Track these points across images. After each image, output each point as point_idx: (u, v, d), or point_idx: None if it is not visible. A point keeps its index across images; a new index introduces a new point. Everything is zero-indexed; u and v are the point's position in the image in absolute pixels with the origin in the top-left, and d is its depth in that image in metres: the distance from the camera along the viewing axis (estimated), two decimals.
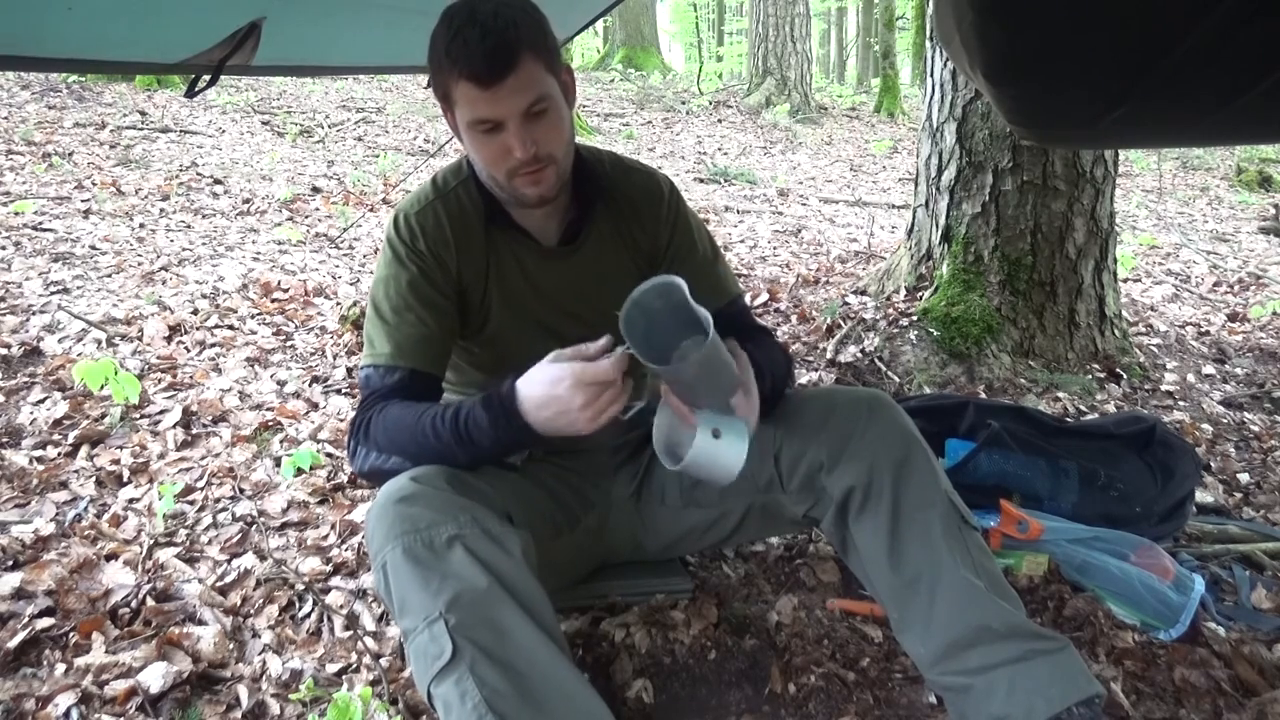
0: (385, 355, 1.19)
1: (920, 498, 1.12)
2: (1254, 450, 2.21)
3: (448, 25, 1.07)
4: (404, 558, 0.97)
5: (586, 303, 1.30)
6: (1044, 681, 1.01)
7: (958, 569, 1.08)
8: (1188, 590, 1.40)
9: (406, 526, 0.99)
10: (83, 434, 1.95)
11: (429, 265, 1.22)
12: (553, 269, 1.29)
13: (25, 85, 6.36)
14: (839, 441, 1.16)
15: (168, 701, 1.19)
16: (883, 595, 1.15)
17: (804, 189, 6.71)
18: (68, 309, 2.60)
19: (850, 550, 1.19)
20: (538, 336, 1.29)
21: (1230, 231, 5.66)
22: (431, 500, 1.02)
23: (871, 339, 2.59)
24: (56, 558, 1.48)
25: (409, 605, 0.96)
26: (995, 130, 2.58)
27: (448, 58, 1.06)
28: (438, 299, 1.23)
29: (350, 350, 2.60)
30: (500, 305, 1.28)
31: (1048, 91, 0.88)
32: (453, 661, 0.91)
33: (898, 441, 1.15)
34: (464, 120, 1.11)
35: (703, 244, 1.35)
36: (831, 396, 1.24)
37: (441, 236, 1.23)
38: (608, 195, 1.29)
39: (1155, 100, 0.83)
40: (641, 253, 1.33)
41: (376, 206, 4.67)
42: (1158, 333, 3.07)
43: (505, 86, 1.06)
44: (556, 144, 1.14)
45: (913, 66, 14.01)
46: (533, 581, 1.01)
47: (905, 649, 1.15)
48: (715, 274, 1.35)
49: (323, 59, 1.74)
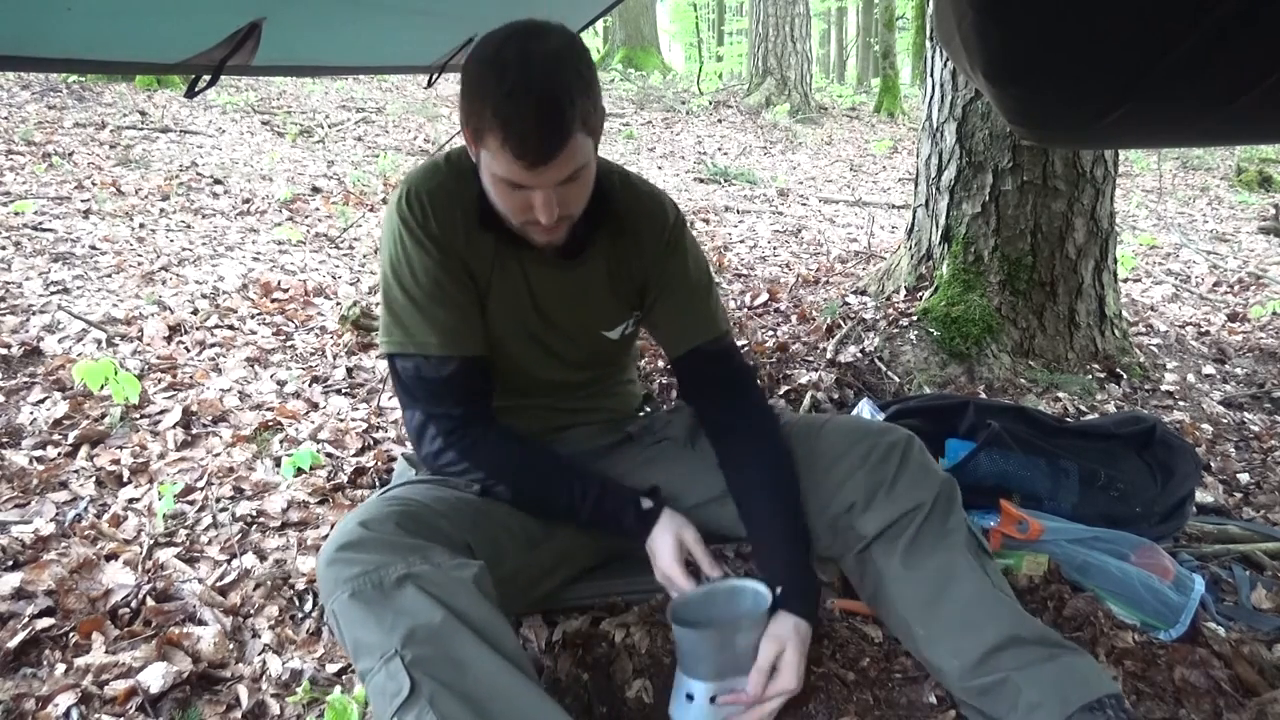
0: (435, 345, 1.19)
1: (948, 525, 1.18)
2: (1254, 450, 2.21)
3: (498, 77, 1.00)
4: (352, 601, 0.97)
5: (572, 316, 1.31)
6: (1075, 676, 1.04)
7: (987, 584, 1.13)
8: (1188, 590, 1.40)
9: (355, 570, 0.98)
10: (83, 434, 1.95)
11: (446, 249, 1.19)
12: (550, 279, 1.27)
13: (25, 85, 6.36)
14: (873, 485, 1.20)
15: (168, 701, 1.19)
16: (909, 614, 1.16)
17: (804, 189, 6.71)
18: (68, 309, 2.60)
19: (871, 577, 1.22)
20: (526, 344, 1.31)
21: (1230, 231, 5.66)
22: (379, 544, 1.01)
23: (871, 339, 2.59)
24: (56, 558, 1.48)
25: (362, 646, 0.95)
26: (995, 130, 2.58)
27: (495, 117, 1.00)
28: (466, 281, 1.22)
29: (350, 350, 2.60)
30: (498, 307, 1.26)
31: (1048, 91, 0.88)
32: (411, 697, 0.90)
33: (933, 483, 1.20)
34: (491, 170, 1.07)
35: (697, 276, 1.34)
36: (866, 438, 1.25)
37: (451, 221, 1.19)
38: (612, 215, 1.27)
39: (1155, 100, 0.83)
40: (634, 277, 1.32)
41: (376, 206, 4.66)
42: (1158, 333, 3.07)
43: (550, 167, 1.02)
44: (580, 204, 1.13)
45: (913, 66, 14.01)
46: (490, 611, 1.00)
47: (934, 666, 1.15)
48: (704, 309, 1.34)
49: (323, 59, 1.74)
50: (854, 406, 1.98)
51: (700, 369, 1.35)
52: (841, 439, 1.26)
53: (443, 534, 1.08)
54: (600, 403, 1.46)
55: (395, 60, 2.02)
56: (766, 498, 1.25)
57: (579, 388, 1.42)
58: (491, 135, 1.01)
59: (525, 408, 1.38)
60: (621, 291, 1.33)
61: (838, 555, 1.28)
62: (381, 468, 1.90)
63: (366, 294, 3.17)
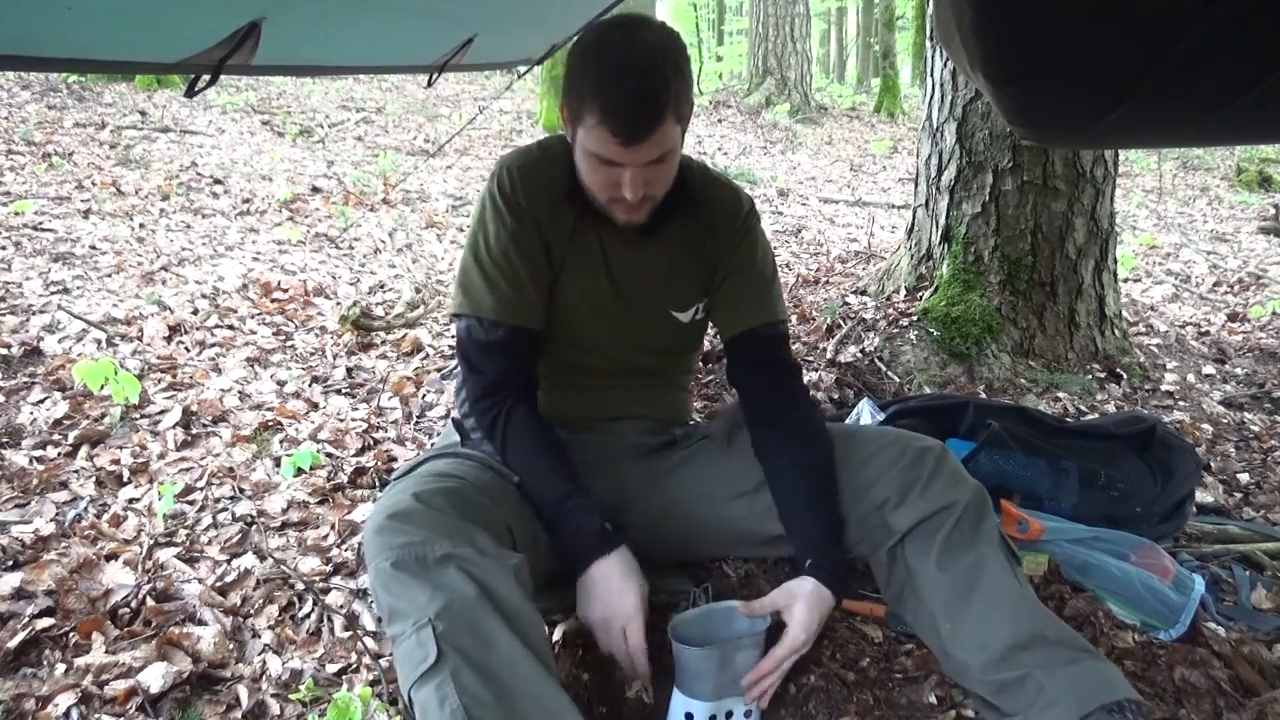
0: (489, 309, 1.26)
1: (981, 526, 1.19)
2: (1254, 450, 2.21)
3: (599, 60, 1.09)
4: (394, 569, 0.99)
5: (644, 291, 1.36)
6: (1097, 678, 1.04)
7: (1014, 583, 1.14)
8: (1188, 590, 1.40)
9: (401, 540, 1.01)
10: (83, 434, 1.95)
11: (525, 221, 1.27)
12: (626, 253, 1.33)
13: (25, 85, 6.36)
14: (908, 482, 1.21)
15: (168, 701, 1.19)
16: (938, 609, 1.16)
17: (804, 189, 6.71)
18: (68, 309, 2.60)
19: (900, 574, 1.22)
20: (596, 319, 1.36)
21: (1230, 231, 5.67)
22: (428, 519, 1.04)
23: (871, 339, 2.59)
24: (56, 558, 1.48)
25: (398, 612, 0.98)
26: (995, 130, 2.58)
27: (594, 97, 1.07)
28: (537, 255, 1.29)
29: (350, 350, 2.60)
30: (572, 278, 1.32)
31: (1047, 91, 0.89)
32: (436, 666, 0.92)
33: (967, 485, 1.21)
34: (585, 146, 1.14)
35: (763, 264, 1.40)
36: (899, 441, 1.27)
37: (539, 194, 1.27)
38: (690, 199, 1.33)
39: (1155, 100, 0.83)
40: (706, 259, 1.37)
41: (376, 206, 4.67)
42: (1158, 333, 3.07)
43: (642, 146, 1.10)
44: (664, 186, 1.20)
45: (913, 66, 14.01)
46: (525, 603, 1.02)
47: (956, 660, 1.14)
48: (766, 293, 1.39)
49: (323, 59, 1.74)
50: (854, 407, 1.98)
51: (753, 351, 1.38)
52: (876, 441, 1.28)
53: (487, 516, 1.11)
54: (655, 399, 1.48)
55: (395, 60, 2.02)
56: (805, 482, 1.27)
57: (640, 376, 1.45)
58: (590, 111, 1.08)
59: (583, 388, 1.42)
60: (693, 272, 1.38)
61: (867, 553, 1.28)
62: (381, 468, 1.90)
63: (366, 294, 3.17)
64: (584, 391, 1.42)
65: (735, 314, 1.38)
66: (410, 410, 2.20)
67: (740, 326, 1.37)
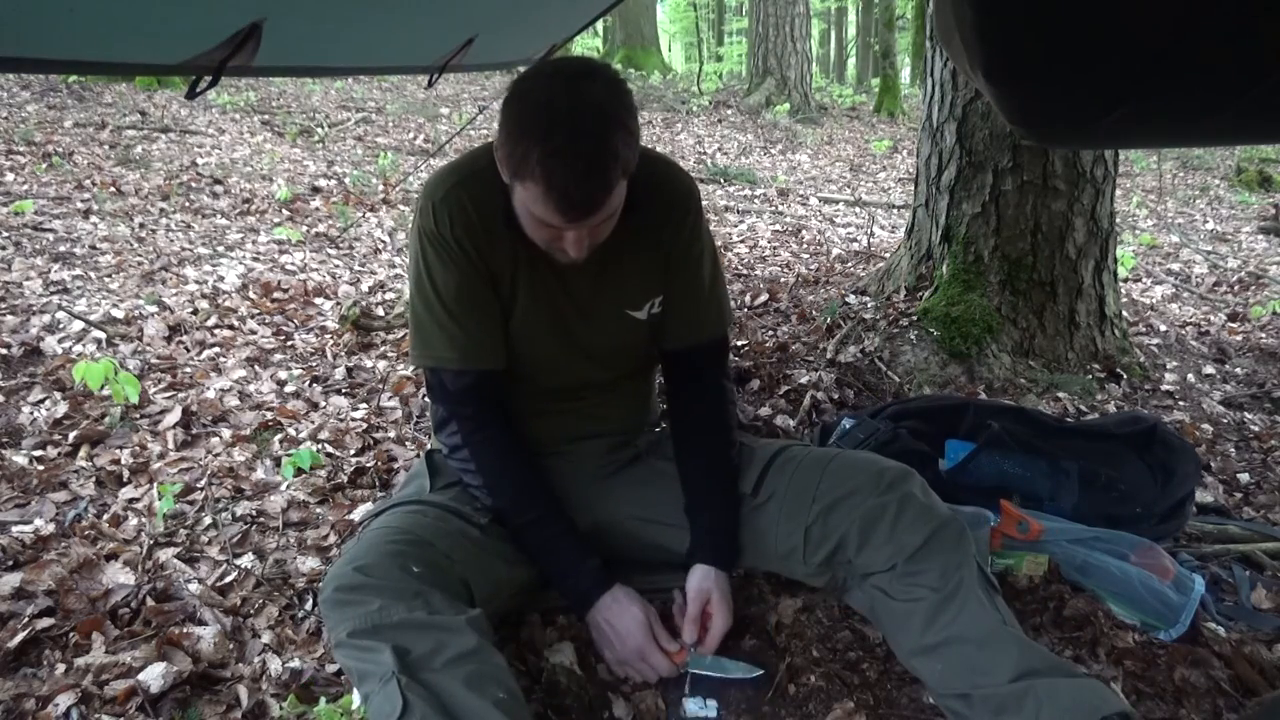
0: (452, 360, 1.26)
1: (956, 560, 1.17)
2: (1254, 450, 2.21)
3: (546, 130, 0.99)
4: (352, 638, 1.03)
5: (601, 296, 1.32)
6: (1090, 694, 1.03)
7: (1002, 625, 1.12)
8: (1188, 590, 1.40)
9: (357, 610, 1.05)
10: (83, 434, 1.95)
11: (464, 260, 1.23)
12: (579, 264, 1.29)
13: (25, 85, 6.36)
14: (869, 521, 1.21)
15: (168, 701, 1.19)
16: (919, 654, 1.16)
17: (804, 189, 6.71)
18: (68, 309, 2.60)
19: (882, 614, 1.23)
20: (555, 338, 1.33)
21: (1230, 231, 5.67)
22: (378, 590, 1.07)
23: (871, 339, 2.59)
24: (56, 558, 1.48)
25: (365, 674, 1.01)
26: (995, 130, 2.58)
27: (540, 167, 1.00)
28: (486, 292, 1.26)
29: (350, 350, 2.60)
30: (527, 297, 1.29)
31: (1047, 91, 0.89)
32: (403, 716, 0.94)
33: (935, 520, 1.20)
34: (527, 206, 1.08)
35: (709, 262, 1.38)
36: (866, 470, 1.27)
37: (471, 226, 1.22)
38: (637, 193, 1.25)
39: (1155, 100, 0.83)
40: (660, 245, 1.33)
41: (376, 206, 4.67)
42: (1158, 333, 3.07)
43: (589, 218, 1.07)
44: (607, 233, 1.16)
45: (913, 66, 14.01)
46: (488, 653, 1.04)
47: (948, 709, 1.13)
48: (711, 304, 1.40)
49: (323, 59, 1.74)
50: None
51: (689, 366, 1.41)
52: (844, 476, 1.27)
53: (443, 575, 1.13)
54: (620, 406, 1.46)
55: (395, 60, 2.02)
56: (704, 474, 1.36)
57: (602, 390, 1.42)
58: (534, 183, 1.03)
59: (546, 413, 1.40)
60: (645, 263, 1.33)
61: (836, 590, 1.32)
62: (381, 468, 1.90)
63: (366, 294, 3.17)
64: (546, 417, 1.41)
65: (676, 328, 1.38)
66: (410, 410, 2.20)
67: (679, 344, 1.39)
